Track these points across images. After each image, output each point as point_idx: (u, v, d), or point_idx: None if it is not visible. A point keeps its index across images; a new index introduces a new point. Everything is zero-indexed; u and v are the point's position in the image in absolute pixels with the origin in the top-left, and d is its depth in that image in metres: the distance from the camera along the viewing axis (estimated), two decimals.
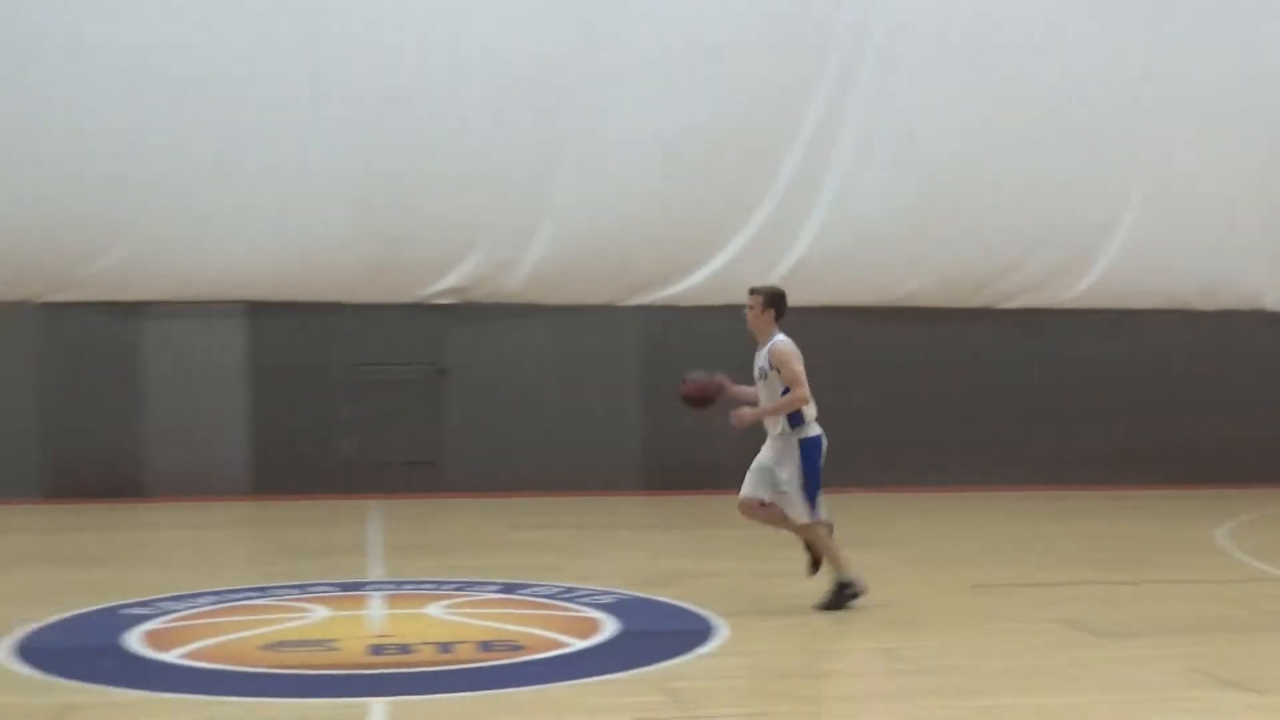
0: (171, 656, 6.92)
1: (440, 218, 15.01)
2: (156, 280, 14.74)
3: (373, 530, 12.49)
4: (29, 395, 14.76)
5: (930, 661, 6.79)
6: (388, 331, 15.53)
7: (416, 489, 15.15)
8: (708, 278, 15.65)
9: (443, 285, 15.31)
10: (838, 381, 12.14)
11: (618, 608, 8.30)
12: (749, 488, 8.24)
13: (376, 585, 9.27)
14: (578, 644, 7.26)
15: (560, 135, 15.20)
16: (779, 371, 8.02)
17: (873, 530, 12.19)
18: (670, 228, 15.48)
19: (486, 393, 15.66)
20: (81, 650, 7.16)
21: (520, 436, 15.62)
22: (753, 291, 8.33)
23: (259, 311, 15.20)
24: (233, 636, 7.39)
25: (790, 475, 8.04)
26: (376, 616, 8.14)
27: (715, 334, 14.80)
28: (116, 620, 7.87)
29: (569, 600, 8.61)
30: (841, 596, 8.19)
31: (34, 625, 7.68)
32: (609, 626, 7.74)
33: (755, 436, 8.27)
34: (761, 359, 8.15)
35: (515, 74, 15.04)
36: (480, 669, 6.67)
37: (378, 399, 15.41)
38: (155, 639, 7.34)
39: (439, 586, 9.15)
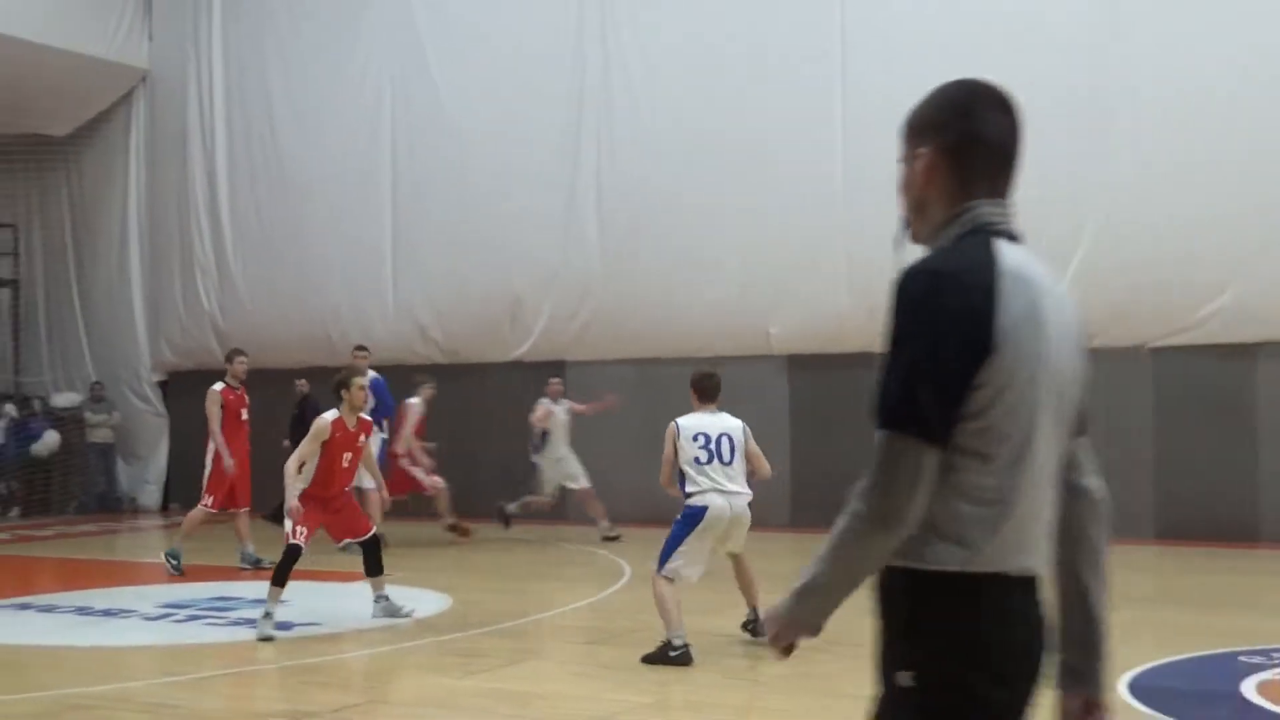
0: None
1: None
2: (1267, 322, 14.33)
3: None
4: (1144, 437, 15.06)
5: None
6: None
7: None
8: None
9: None
10: None
11: None
12: None
13: None
14: None
15: None
16: None
17: None
18: None
19: None
20: (1196, 694, 7.15)
21: None
22: None
23: None
24: None
25: None
26: None
27: None
28: (1233, 667, 7.74)
29: None
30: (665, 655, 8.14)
31: (1149, 664, 7.82)
32: None
33: None
34: None
35: None
36: None
37: None
38: (1271, 690, 7.11)
39: None
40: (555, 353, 17.61)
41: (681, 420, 8.66)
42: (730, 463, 8.53)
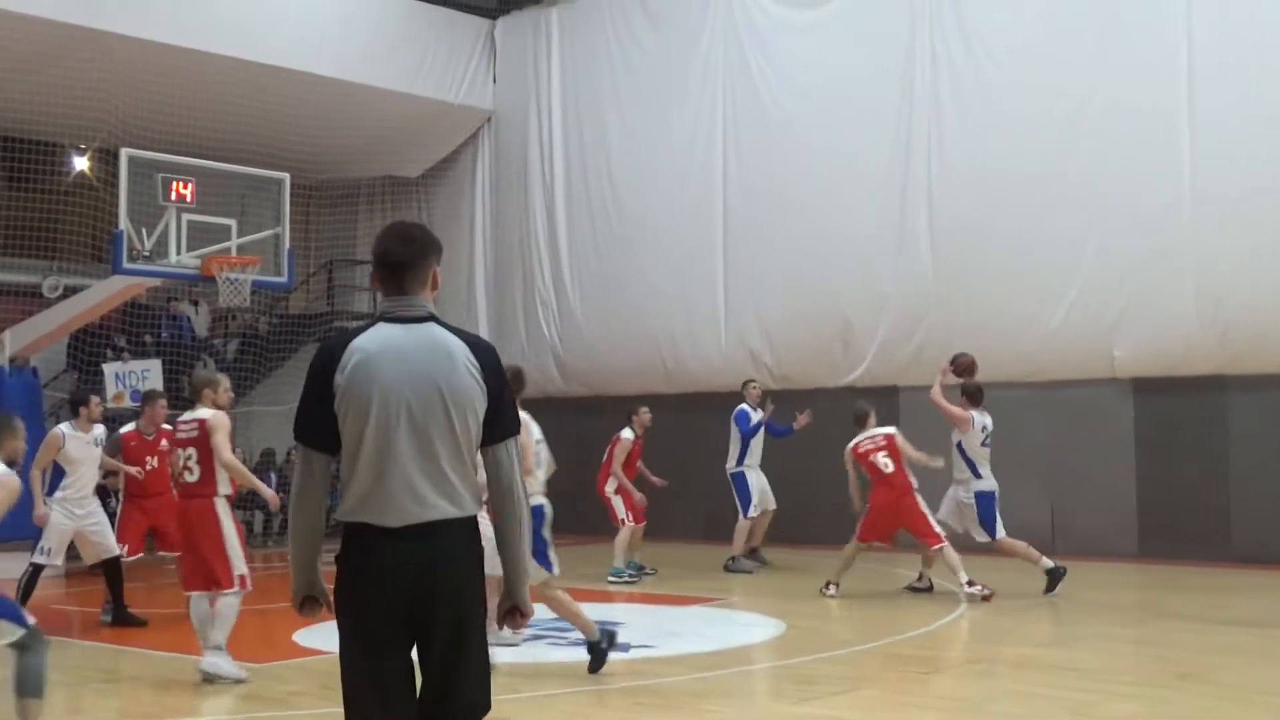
0: None
1: None
2: None
3: None
4: None
5: None
6: None
7: None
8: None
9: None
10: None
11: None
12: None
13: None
14: None
15: None
16: None
17: None
18: None
19: None
20: None
21: None
22: None
23: None
24: None
25: None
26: None
27: None
28: None
29: None
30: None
31: None
32: None
33: None
34: None
35: None
36: None
37: None
38: None
39: None
40: (888, 378, 17.41)
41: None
42: None
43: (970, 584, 11.84)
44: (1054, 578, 12.18)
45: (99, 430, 11.66)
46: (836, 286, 17.65)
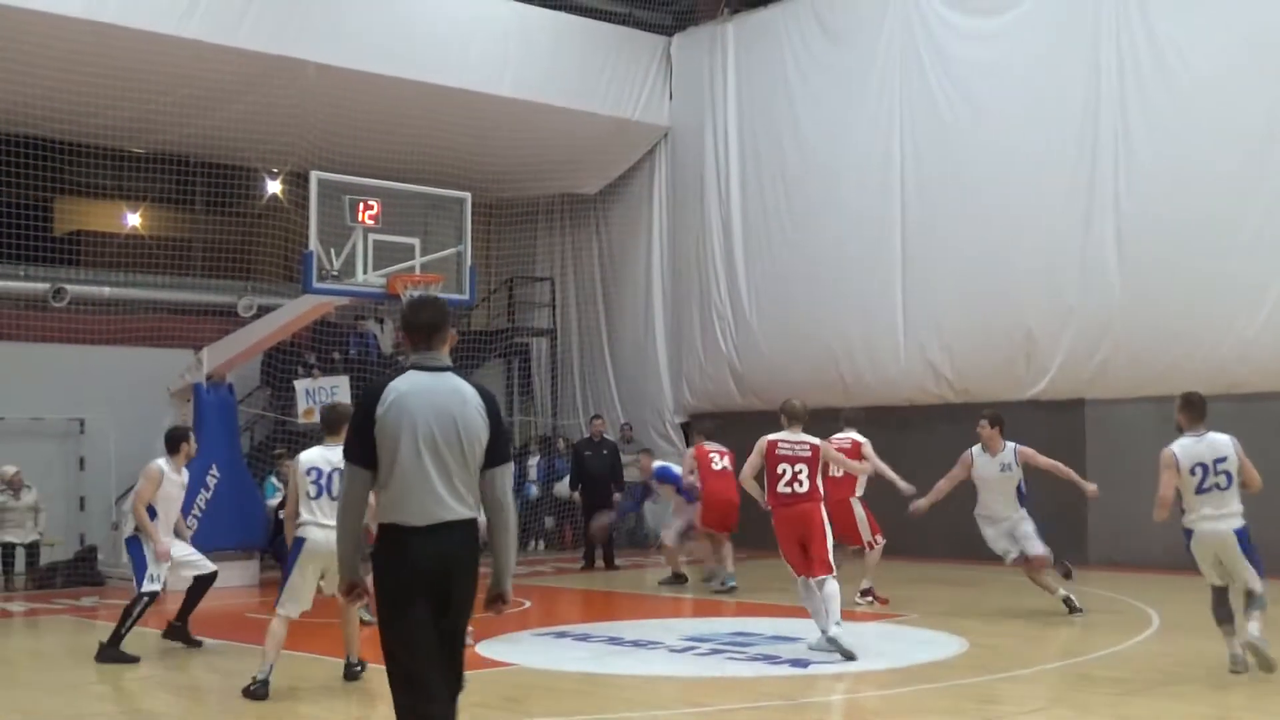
0: None
1: None
2: None
3: None
4: None
5: None
6: None
7: None
8: None
9: None
10: None
11: None
12: None
13: None
14: None
15: None
16: None
17: None
18: None
19: None
20: None
21: None
22: None
23: None
24: None
25: None
26: None
27: None
28: None
29: None
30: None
31: None
32: None
33: None
34: None
35: None
36: None
37: None
38: None
39: None
40: (1073, 391, 16.98)
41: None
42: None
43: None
44: None
45: (186, 473, 11.70)
46: (1018, 297, 17.28)
